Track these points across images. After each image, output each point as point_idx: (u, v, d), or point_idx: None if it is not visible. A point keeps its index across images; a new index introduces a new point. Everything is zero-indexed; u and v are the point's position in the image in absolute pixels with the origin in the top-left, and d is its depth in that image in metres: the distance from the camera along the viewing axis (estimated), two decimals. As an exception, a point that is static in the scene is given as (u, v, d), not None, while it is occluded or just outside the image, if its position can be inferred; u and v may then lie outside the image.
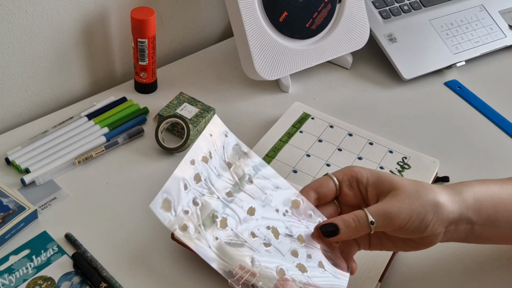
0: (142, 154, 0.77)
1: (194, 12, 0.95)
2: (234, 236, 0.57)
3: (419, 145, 0.81)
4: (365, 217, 0.54)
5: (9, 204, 0.66)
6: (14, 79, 0.79)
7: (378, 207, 0.54)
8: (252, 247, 0.57)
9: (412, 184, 0.55)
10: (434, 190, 0.55)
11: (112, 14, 0.84)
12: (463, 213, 0.56)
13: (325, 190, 0.58)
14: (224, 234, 0.57)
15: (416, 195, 0.54)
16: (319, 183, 0.58)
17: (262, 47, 0.84)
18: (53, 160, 0.73)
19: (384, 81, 0.93)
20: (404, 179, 0.56)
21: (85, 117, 0.80)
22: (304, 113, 0.82)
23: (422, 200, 0.54)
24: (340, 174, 0.58)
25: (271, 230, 0.58)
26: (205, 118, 0.79)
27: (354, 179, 0.57)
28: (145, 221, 0.68)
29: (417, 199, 0.54)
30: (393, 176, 0.56)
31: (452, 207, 0.55)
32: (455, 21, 0.97)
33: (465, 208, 0.56)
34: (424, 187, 0.55)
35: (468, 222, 0.56)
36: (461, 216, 0.56)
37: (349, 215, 0.55)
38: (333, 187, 0.58)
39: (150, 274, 0.62)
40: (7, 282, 0.60)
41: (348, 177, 0.58)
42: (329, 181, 0.58)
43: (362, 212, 0.54)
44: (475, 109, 0.88)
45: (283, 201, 0.59)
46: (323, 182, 0.58)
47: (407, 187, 0.55)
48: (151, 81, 0.86)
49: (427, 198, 0.54)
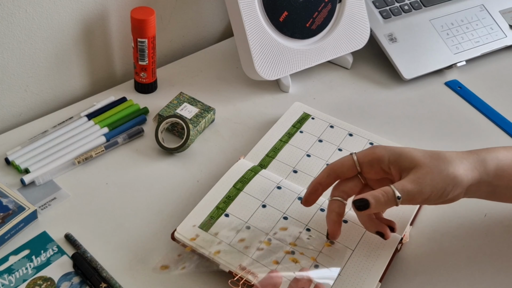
0: (142, 154, 0.77)
1: (194, 12, 0.95)
2: (228, 246, 0.62)
3: (419, 145, 0.80)
4: (392, 193, 0.58)
5: (8, 204, 0.66)
6: (14, 79, 0.79)
7: (403, 183, 0.58)
8: (244, 255, 0.61)
9: (433, 159, 0.59)
10: (453, 162, 0.59)
11: (112, 14, 0.84)
12: (483, 178, 0.60)
13: (345, 169, 0.62)
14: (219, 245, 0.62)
15: (437, 170, 0.58)
16: (341, 163, 0.63)
17: (262, 47, 0.84)
18: (53, 160, 0.73)
19: (384, 81, 0.93)
20: (425, 154, 0.60)
21: (85, 117, 0.80)
22: (304, 113, 0.82)
23: (443, 174, 0.58)
24: (362, 155, 0.62)
25: (264, 243, 0.63)
26: (205, 118, 0.79)
27: (375, 160, 0.61)
28: (145, 221, 0.68)
29: (438, 173, 0.58)
30: (414, 153, 0.60)
31: (471, 175, 0.59)
32: (456, 21, 0.97)
33: (486, 175, 0.60)
34: (444, 160, 0.59)
35: (489, 185, 0.61)
36: (481, 181, 0.60)
37: (378, 191, 0.59)
38: (353, 167, 0.62)
39: (150, 274, 0.62)
40: (7, 282, 0.60)
41: (369, 159, 0.62)
42: (350, 161, 0.62)
43: (389, 189, 0.58)
44: (475, 109, 0.88)
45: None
46: (344, 163, 0.62)
47: (428, 164, 0.59)
48: (151, 81, 0.85)
49: (447, 172, 0.58)
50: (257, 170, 0.71)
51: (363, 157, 0.62)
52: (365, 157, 0.61)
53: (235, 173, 0.70)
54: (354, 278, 0.60)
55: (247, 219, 0.65)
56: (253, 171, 0.71)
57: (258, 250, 0.62)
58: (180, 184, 0.73)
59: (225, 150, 0.78)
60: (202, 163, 0.76)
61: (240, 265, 0.60)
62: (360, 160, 0.62)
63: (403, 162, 0.60)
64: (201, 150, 0.78)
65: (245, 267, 0.60)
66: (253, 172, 0.70)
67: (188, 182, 0.73)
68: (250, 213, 0.66)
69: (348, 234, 0.64)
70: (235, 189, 0.68)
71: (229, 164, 0.75)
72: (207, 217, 0.65)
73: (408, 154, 0.60)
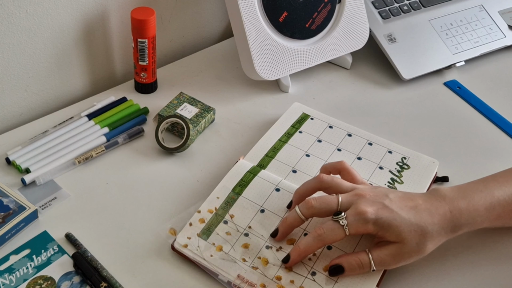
0: (142, 154, 0.77)
1: (194, 12, 0.96)
2: (226, 256, 0.62)
3: (419, 145, 0.81)
4: (368, 264, 0.60)
5: (9, 204, 0.67)
6: (14, 79, 0.79)
7: (382, 258, 0.60)
8: (241, 267, 0.61)
9: (417, 234, 0.59)
10: (434, 239, 0.60)
11: (112, 14, 0.84)
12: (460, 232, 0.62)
13: (335, 240, 0.62)
14: (218, 254, 0.62)
15: (416, 248, 0.60)
16: (332, 238, 0.61)
17: (262, 47, 0.84)
18: (53, 160, 0.74)
19: (384, 81, 0.93)
20: (411, 228, 0.59)
21: (85, 117, 0.80)
22: (304, 114, 0.82)
23: (420, 251, 0.60)
24: (354, 230, 0.60)
25: (261, 260, 0.62)
26: (205, 118, 0.80)
27: (365, 232, 0.61)
28: (145, 221, 0.68)
29: (416, 252, 0.60)
30: (401, 228, 0.59)
31: (443, 240, 0.62)
32: (455, 21, 0.98)
33: (461, 231, 0.62)
34: (426, 236, 0.59)
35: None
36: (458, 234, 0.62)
37: (354, 258, 0.60)
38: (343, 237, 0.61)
39: (150, 274, 0.62)
40: (8, 282, 0.60)
41: (360, 232, 0.61)
42: (341, 235, 0.61)
43: (366, 259, 0.60)
44: (474, 109, 0.89)
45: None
46: (336, 237, 0.61)
47: (411, 242, 0.59)
48: (151, 81, 0.86)
49: (425, 249, 0.60)
50: (256, 171, 0.71)
51: (354, 231, 0.60)
52: (357, 231, 0.60)
53: (234, 176, 0.70)
54: (351, 284, 0.60)
55: (245, 226, 0.65)
56: (252, 173, 0.71)
57: (257, 259, 0.62)
58: (180, 184, 0.73)
59: (225, 150, 0.78)
60: (202, 163, 0.76)
61: (239, 275, 0.60)
62: (351, 233, 0.60)
63: (389, 236, 0.60)
64: (201, 150, 0.78)
65: (243, 277, 0.60)
66: (252, 173, 0.71)
67: (188, 182, 0.73)
68: (248, 219, 0.66)
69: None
70: (233, 194, 0.68)
71: (229, 164, 0.75)
72: (206, 225, 0.65)
73: (396, 229, 0.59)
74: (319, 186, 0.65)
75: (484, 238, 0.68)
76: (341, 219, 0.59)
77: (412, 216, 0.59)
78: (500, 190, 0.63)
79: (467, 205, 0.61)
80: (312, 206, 0.62)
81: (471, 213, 0.61)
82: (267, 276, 0.60)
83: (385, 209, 0.60)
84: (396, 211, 0.59)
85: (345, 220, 0.59)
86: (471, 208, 0.61)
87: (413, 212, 0.60)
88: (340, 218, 0.60)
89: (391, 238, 0.60)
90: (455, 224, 0.61)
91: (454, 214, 0.61)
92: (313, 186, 0.65)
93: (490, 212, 0.62)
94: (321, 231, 0.60)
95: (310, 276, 0.61)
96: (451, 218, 0.60)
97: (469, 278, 0.64)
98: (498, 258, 0.67)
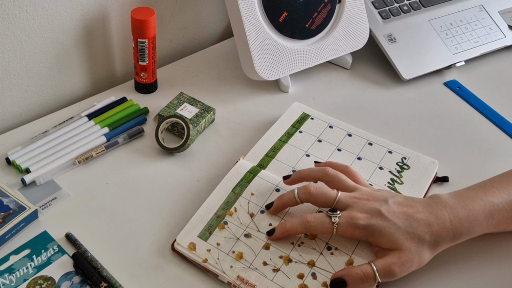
0: (142, 154, 0.77)
1: (194, 12, 0.96)
2: (226, 256, 0.62)
3: (419, 145, 0.81)
4: (372, 276, 0.59)
5: (9, 204, 0.67)
6: (14, 79, 0.79)
7: (384, 266, 0.59)
8: (262, 273, 0.61)
9: (413, 243, 0.59)
10: (433, 247, 0.60)
11: (112, 14, 0.84)
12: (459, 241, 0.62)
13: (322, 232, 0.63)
14: (238, 265, 0.61)
15: (417, 257, 0.59)
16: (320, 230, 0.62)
17: (262, 47, 0.84)
18: (53, 160, 0.74)
19: (384, 81, 0.93)
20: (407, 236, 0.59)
21: (85, 117, 0.80)
22: (304, 113, 0.82)
23: (421, 260, 0.60)
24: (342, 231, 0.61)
25: (283, 259, 0.62)
26: (205, 118, 0.80)
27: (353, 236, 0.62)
28: (145, 221, 0.68)
29: (417, 260, 0.59)
30: (395, 233, 0.59)
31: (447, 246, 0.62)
32: (455, 21, 0.98)
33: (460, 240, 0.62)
34: (423, 244, 0.60)
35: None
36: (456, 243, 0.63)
37: (358, 272, 0.59)
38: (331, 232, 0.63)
39: (150, 274, 0.62)
40: (8, 282, 0.60)
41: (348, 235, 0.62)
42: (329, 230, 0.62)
43: (371, 271, 0.59)
44: (474, 109, 0.89)
45: None
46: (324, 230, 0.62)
47: (410, 249, 0.59)
48: (151, 81, 0.86)
49: (425, 258, 0.60)
50: (256, 171, 0.71)
51: (342, 232, 0.61)
52: (344, 233, 0.61)
53: (234, 177, 0.70)
54: None
55: (245, 227, 0.65)
56: (252, 173, 0.71)
57: (257, 259, 0.62)
58: (180, 184, 0.73)
59: (225, 150, 0.78)
60: (202, 163, 0.76)
61: (239, 276, 0.60)
62: (338, 233, 0.61)
63: (384, 243, 0.60)
64: (201, 150, 0.78)
65: (243, 278, 0.60)
66: (252, 174, 0.71)
67: (188, 182, 0.73)
68: (249, 219, 0.66)
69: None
70: (233, 194, 0.68)
71: (229, 164, 0.75)
72: (206, 225, 0.65)
73: (390, 237, 0.59)
74: (322, 176, 0.66)
75: (484, 239, 0.68)
76: (334, 217, 0.60)
77: (408, 224, 0.60)
78: (500, 197, 0.63)
79: (467, 215, 0.61)
80: (310, 193, 0.63)
81: (471, 223, 0.61)
82: (267, 277, 0.60)
83: (380, 216, 0.60)
84: (391, 219, 0.60)
85: (337, 219, 0.60)
86: (471, 218, 0.61)
87: (410, 220, 0.60)
88: (334, 216, 0.60)
89: (386, 245, 0.60)
90: (455, 234, 0.61)
91: (454, 224, 0.60)
92: (317, 174, 0.66)
93: (489, 221, 0.62)
94: (310, 219, 0.61)
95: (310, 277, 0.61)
96: (450, 228, 0.60)
97: (469, 278, 0.65)
98: (498, 260, 0.67)
